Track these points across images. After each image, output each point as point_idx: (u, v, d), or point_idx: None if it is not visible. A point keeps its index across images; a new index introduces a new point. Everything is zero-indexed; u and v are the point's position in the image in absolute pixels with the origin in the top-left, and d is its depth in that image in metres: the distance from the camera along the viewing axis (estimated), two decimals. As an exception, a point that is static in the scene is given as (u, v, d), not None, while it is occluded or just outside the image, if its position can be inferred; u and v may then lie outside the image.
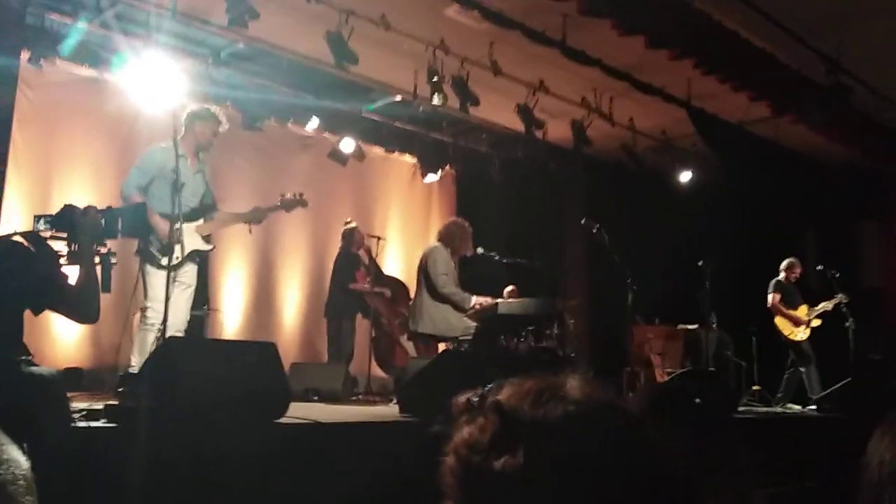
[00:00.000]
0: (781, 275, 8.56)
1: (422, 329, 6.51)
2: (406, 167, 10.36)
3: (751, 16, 6.56)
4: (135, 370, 4.75)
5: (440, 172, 10.08)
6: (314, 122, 8.78)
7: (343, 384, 6.56)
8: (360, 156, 9.25)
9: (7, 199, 6.01)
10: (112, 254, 3.29)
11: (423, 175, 10.02)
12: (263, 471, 3.25)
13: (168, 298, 4.53)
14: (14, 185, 7.12)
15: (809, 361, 8.20)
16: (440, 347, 6.72)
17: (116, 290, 3.32)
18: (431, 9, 6.52)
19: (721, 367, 8.67)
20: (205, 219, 5.45)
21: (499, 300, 6.61)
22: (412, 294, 7.10)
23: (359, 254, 8.18)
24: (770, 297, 8.40)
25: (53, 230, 3.13)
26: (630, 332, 7.48)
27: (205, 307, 7.47)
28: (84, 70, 7.37)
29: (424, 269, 6.58)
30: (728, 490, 1.49)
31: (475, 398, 0.89)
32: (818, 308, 8.36)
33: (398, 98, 8.34)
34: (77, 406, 3.45)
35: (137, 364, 4.85)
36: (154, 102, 6.59)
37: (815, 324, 8.35)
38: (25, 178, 7.21)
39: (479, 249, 6.88)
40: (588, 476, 0.79)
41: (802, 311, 8.39)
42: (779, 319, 8.36)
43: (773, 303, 8.38)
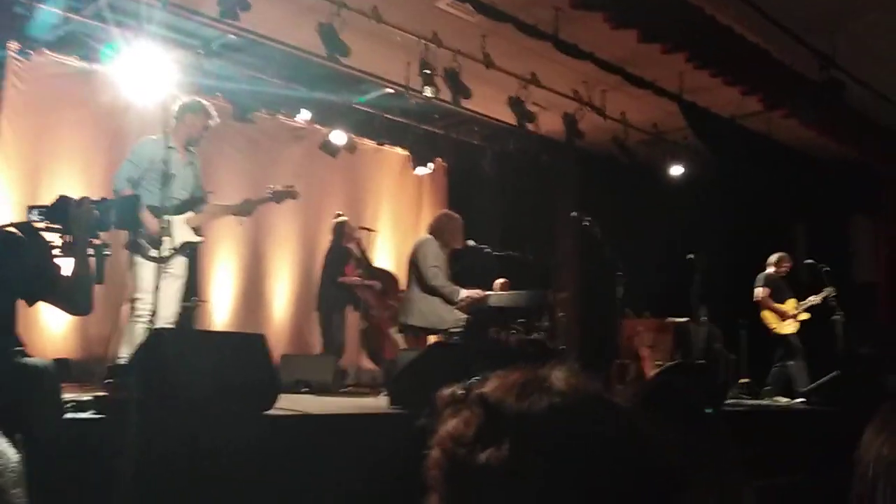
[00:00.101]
0: (770, 269, 8.58)
1: (412, 321, 6.50)
2: (397, 159, 10.35)
3: (744, 10, 6.57)
4: (123, 361, 4.74)
5: (431, 165, 10.07)
6: (305, 114, 8.75)
7: (333, 376, 6.57)
8: (352, 148, 9.24)
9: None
10: (106, 245, 3.29)
11: (415, 167, 10.01)
12: (253, 462, 3.25)
13: (158, 290, 4.51)
14: (3, 176, 7.10)
15: (797, 355, 8.23)
16: (430, 340, 6.72)
17: (105, 282, 3.30)
18: (423, 1, 6.51)
19: (710, 360, 8.69)
20: (195, 211, 5.44)
21: (489, 292, 6.62)
22: (403, 286, 7.10)
23: (349, 246, 8.17)
24: (758, 291, 8.44)
25: (47, 221, 3.13)
26: (620, 325, 7.49)
27: (194, 298, 7.45)
28: (74, 61, 7.33)
29: (415, 262, 6.57)
30: (717, 484, 1.49)
31: (460, 391, 0.89)
32: (806, 302, 8.40)
33: (390, 90, 8.32)
34: (65, 397, 3.44)
35: (126, 355, 4.85)
36: (144, 94, 6.55)
37: (803, 317, 8.39)
38: (14, 170, 7.17)
39: (471, 242, 6.88)
40: (574, 468, 0.79)
41: (790, 305, 8.43)
42: (765, 313, 8.39)
43: (762, 296, 8.41)
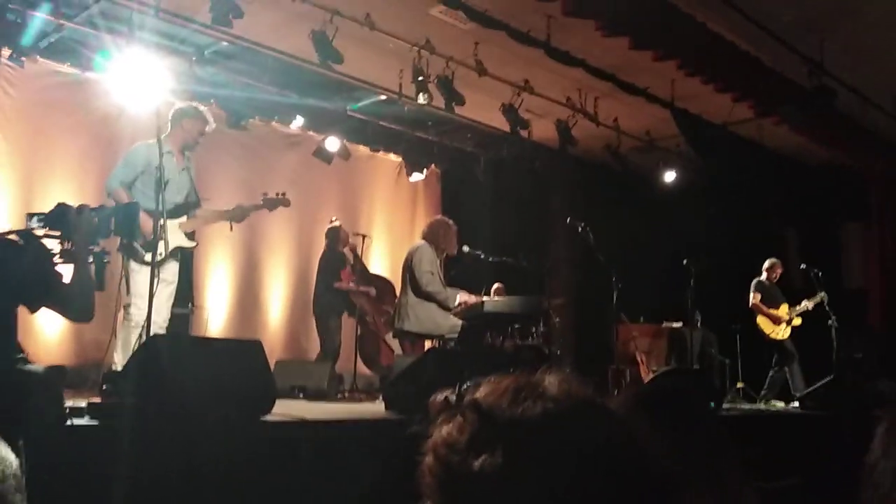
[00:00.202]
0: (763, 275, 8.66)
1: (407, 327, 6.50)
2: (391, 166, 10.36)
3: (735, 18, 6.60)
4: (118, 368, 4.73)
5: (425, 171, 10.09)
6: (299, 121, 8.76)
7: (329, 382, 6.56)
8: (346, 155, 9.24)
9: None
10: (105, 252, 3.29)
11: (409, 174, 10.02)
12: (249, 468, 3.24)
13: (152, 295, 4.51)
14: (-4, 183, 7.08)
15: (792, 359, 8.29)
16: (426, 345, 6.72)
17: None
18: (416, 8, 6.53)
19: (705, 365, 8.72)
20: (188, 216, 5.44)
21: (484, 298, 6.63)
22: (398, 292, 7.11)
23: (344, 252, 8.17)
24: (751, 297, 8.49)
25: (47, 228, 3.13)
26: (615, 331, 7.50)
27: (189, 305, 7.44)
28: (66, 68, 7.32)
29: (410, 268, 6.57)
30: (716, 486, 1.49)
31: (453, 397, 0.89)
32: (799, 307, 8.44)
33: (383, 97, 8.32)
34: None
35: (120, 362, 4.83)
36: (137, 100, 6.55)
37: (796, 322, 8.44)
38: (7, 177, 7.15)
39: (465, 248, 6.89)
40: (568, 474, 0.78)
41: (783, 310, 8.48)
42: (760, 319, 8.45)
43: (754, 302, 8.47)
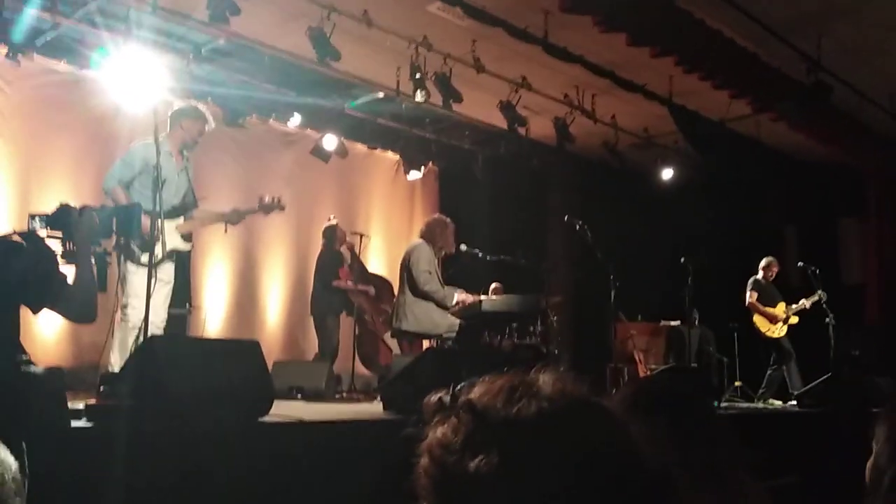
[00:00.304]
0: (759, 273, 8.67)
1: (405, 327, 6.49)
2: (389, 164, 10.35)
3: (732, 14, 6.60)
4: (115, 369, 4.71)
5: (423, 169, 10.08)
6: (296, 119, 8.74)
7: (326, 382, 6.54)
8: (343, 152, 9.23)
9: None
10: (107, 253, 3.29)
11: (406, 172, 10.01)
12: (247, 469, 3.23)
13: (149, 296, 4.49)
14: (-8, 182, 7.06)
15: (790, 357, 8.30)
16: (425, 345, 6.71)
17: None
18: (414, 5, 6.52)
19: (703, 363, 8.73)
20: (185, 217, 5.42)
21: (482, 297, 6.62)
22: (396, 291, 7.10)
23: (341, 251, 8.16)
24: (747, 296, 8.51)
25: (49, 229, 3.12)
26: (613, 329, 7.50)
27: (187, 305, 7.43)
28: (63, 66, 7.30)
29: (407, 267, 6.56)
30: (717, 486, 1.49)
31: (447, 397, 0.88)
32: (796, 306, 8.45)
33: (381, 95, 8.31)
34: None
35: (117, 363, 4.82)
36: (134, 98, 6.53)
37: (793, 321, 8.45)
38: (4, 175, 7.13)
39: (463, 246, 6.88)
40: (564, 474, 0.78)
41: (780, 309, 8.49)
42: (757, 317, 8.46)
43: (751, 301, 8.48)
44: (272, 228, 8.94)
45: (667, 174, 9.84)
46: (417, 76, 7.13)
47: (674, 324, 9.20)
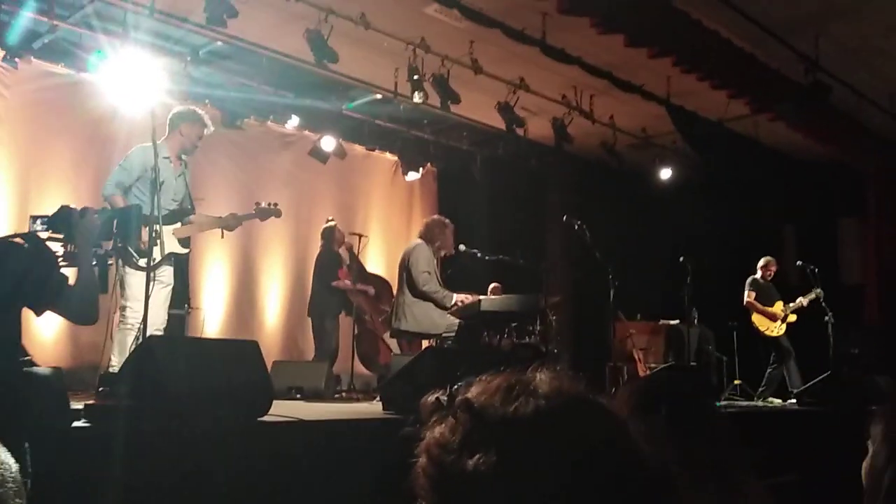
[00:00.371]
0: (758, 273, 8.68)
1: (405, 327, 6.50)
2: (387, 165, 10.35)
3: (730, 15, 6.61)
4: (115, 370, 4.71)
5: (421, 170, 10.09)
6: (294, 121, 8.75)
7: (326, 382, 6.55)
8: (341, 154, 9.23)
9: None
10: (108, 255, 3.30)
11: (405, 173, 10.02)
12: (246, 469, 3.23)
13: (148, 297, 4.49)
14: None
15: (789, 356, 8.31)
16: (424, 344, 6.71)
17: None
18: (411, 7, 6.52)
19: (702, 362, 8.73)
20: (182, 222, 5.40)
21: (481, 297, 6.62)
22: (395, 292, 7.10)
23: (340, 252, 8.16)
24: (746, 295, 8.52)
25: (50, 231, 3.13)
26: (612, 328, 7.50)
27: (186, 306, 7.43)
28: (61, 69, 7.30)
29: (406, 267, 6.57)
30: (718, 484, 1.49)
31: (444, 397, 0.88)
32: (793, 304, 8.46)
33: (379, 96, 8.32)
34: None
35: (117, 364, 4.81)
36: (132, 101, 6.53)
37: (791, 319, 8.46)
38: (2, 177, 7.13)
39: (462, 246, 6.88)
40: (562, 472, 0.78)
41: (778, 308, 8.49)
42: (755, 317, 8.47)
43: (749, 300, 8.49)
44: (271, 229, 8.93)
45: (665, 174, 9.84)
46: (415, 77, 7.14)
47: (673, 323, 9.21)
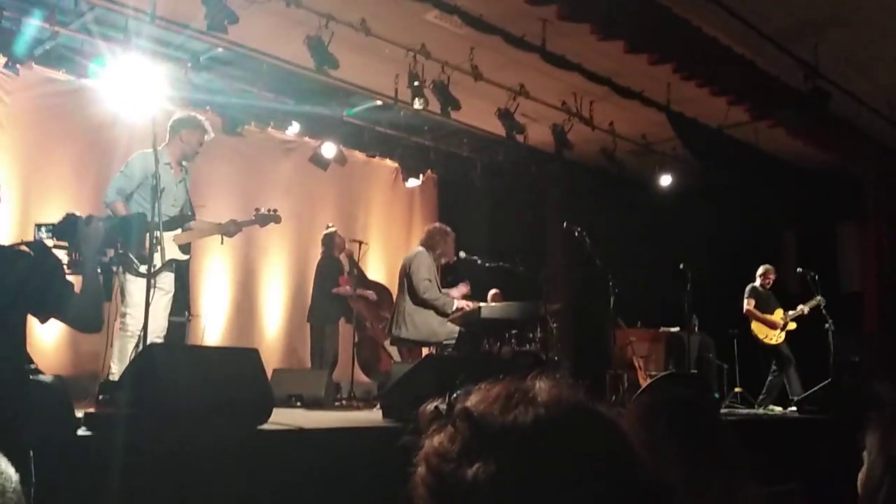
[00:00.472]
0: (757, 281, 8.68)
1: (405, 335, 6.50)
2: (388, 171, 10.35)
3: (730, 22, 6.61)
4: (115, 378, 4.70)
5: (422, 177, 10.08)
6: (295, 127, 8.75)
7: (326, 390, 6.54)
8: (342, 160, 9.23)
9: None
10: (113, 262, 3.29)
11: (405, 179, 10.01)
12: (246, 478, 3.23)
13: (148, 305, 4.48)
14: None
15: (789, 364, 8.29)
16: (424, 352, 6.71)
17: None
18: (411, 14, 6.52)
19: (703, 370, 8.72)
20: (182, 229, 5.40)
21: (481, 304, 6.61)
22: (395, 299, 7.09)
23: (341, 258, 8.16)
24: (745, 303, 8.51)
25: (55, 238, 3.13)
26: (612, 335, 7.49)
27: (186, 314, 7.42)
28: (62, 75, 7.30)
29: (408, 275, 6.57)
30: (718, 491, 1.49)
31: (443, 405, 0.87)
32: (793, 312, 8.45)
33: (379, 102, 8.32)
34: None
35: (117, 372, 4.80)
36: (133, 107, 6.53)
37: (791, 327, 8.45)
38: (3, 184, 7.11)
39: (462, 253, 6.89)
40: (562, 481, 0.77)
41: (778, 315, 8.49)
42: (755, 325, 8.46)
43: (748, 308, 8.49)
44: (271, 236, 8.92)
45: (665, 181, 9.84)
46: (416, 84, 7.14)
47: (673, 330, 9.19)
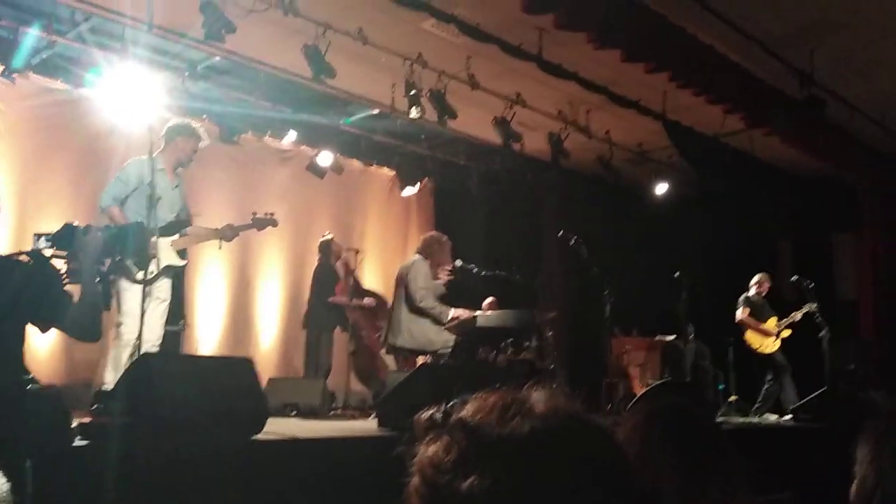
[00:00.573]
0: (751, 290, 8.68)
1: (401, 343, 6.48)
2: (384, 180, 10.36)
3: (725, 30, 6.64)
4: (109, 387, 4.69)
5: (418, 185, 10.09)
6: (292, 136, 8.75)
7: (321, 399, 6.52)
8: (338, 169, 9.24)
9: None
10: (111, 272, 3.30)
11: (402, 188, 10.02)
12: (241, 488, 3.22)
13: (143, 313, 4.48)
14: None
15: (784, 372, 8.30)
16: (420, 360, 6.70)
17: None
18: (408, 23, 6.53)
19: (698, 378, 8.72)
20: (179, 234, 5.42)
21: (477, 313, 6.61)
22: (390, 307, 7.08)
23: (337, 266, 8.15)
24: (739, 312, 8.51)
25: (54, 248, 3.12)
26: (608, 344, 7.49)
27: (181, 322, 7.40)
28: (58, 84, 7.30)
29: (404, 283, 6.56)
30: (713, 498, 1.48)
31: (438, 415, 0.87)
32: (786, 319, 8.46)
33: (376, 111, 8.34)
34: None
35: (111, 381, 4.79)
36: (129, 117, 6.54)
37: (785, 334, 8.45)
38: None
39: (458, 262, 6.88)
40: (557, 492, 0.77)
41: (772, 324, 8.49)
42: (749, 334, 8.47)
43: (742, 317, 8.49)
44: (267, 244, 8.93)
45: (661, 189, 9.85)
46: (412, 93, 7.15)
47: (669, 339, 9.20)
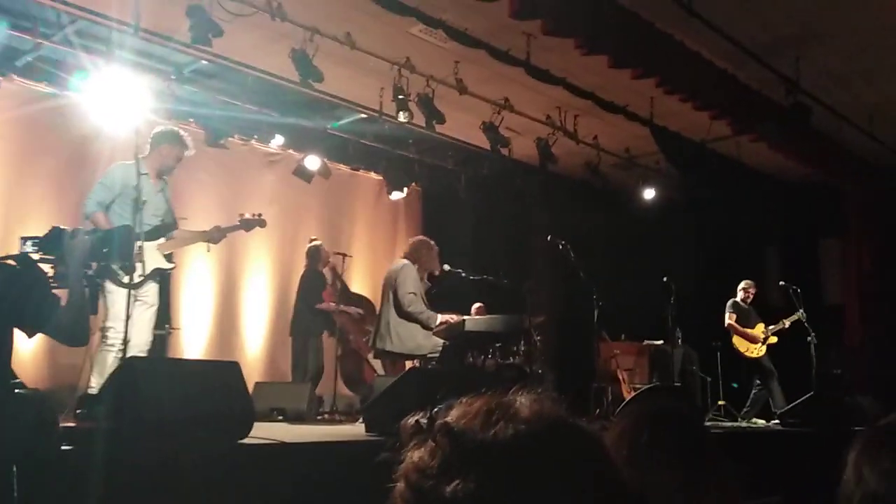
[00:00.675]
0: (738, 295, 8.73)
1: (389, 347, 6.46)
2: (372, 184, 10.35)
3: (712, 37, 6.67)
4: (94, 391, 4.65)
5: (406, 190, 10.08)
6: (279, 140, 8.74)
7: (308, 403, 6.50)
8: (326, 173, 9.22)
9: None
10: (98, 276, 3.27)
11: (389, 192, 10.01)
12: (228, 492, 3.19)
13: (129, 317, 4.44)
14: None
15: (771, 377, 8.34)
16: (408, 365, 6.68)
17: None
18: (396, 27, 6.53)
19: (687, 383, 8.74)
20: (165, 238, 5.38)
21: (465, 317, 6.60)
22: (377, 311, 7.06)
23: (324, 271, 8.13)
24: (726, 318, 8.56)
25: (41, 252, 3.09)
26: (597, 348, 7.50)
27: (167, 326, 7.36)
28: (44, 87, 7.25)
29: (392, 288, 6.54)
30: (702, 502, 1.48)
31: (423, 420, 0.87)
32: (774, 326, 8.50)
33: (364, 115, 8.33)
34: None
35: (97, 385, 4.75)
36: (115, 120, 6.50)
37: (772, 341, 8.50)
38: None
39: (446, 266, 6.87)
40: (541, 497, 0.77)
41: (759, 329, 8.53)
42: (736, 339, 8.51)
43: (729, 323, 8.53)
44: (254, 249, 8.90)
45: (648, 194, 9.90)
46: (400, 97, 7.15)
47: (657, 343, 9.22)
